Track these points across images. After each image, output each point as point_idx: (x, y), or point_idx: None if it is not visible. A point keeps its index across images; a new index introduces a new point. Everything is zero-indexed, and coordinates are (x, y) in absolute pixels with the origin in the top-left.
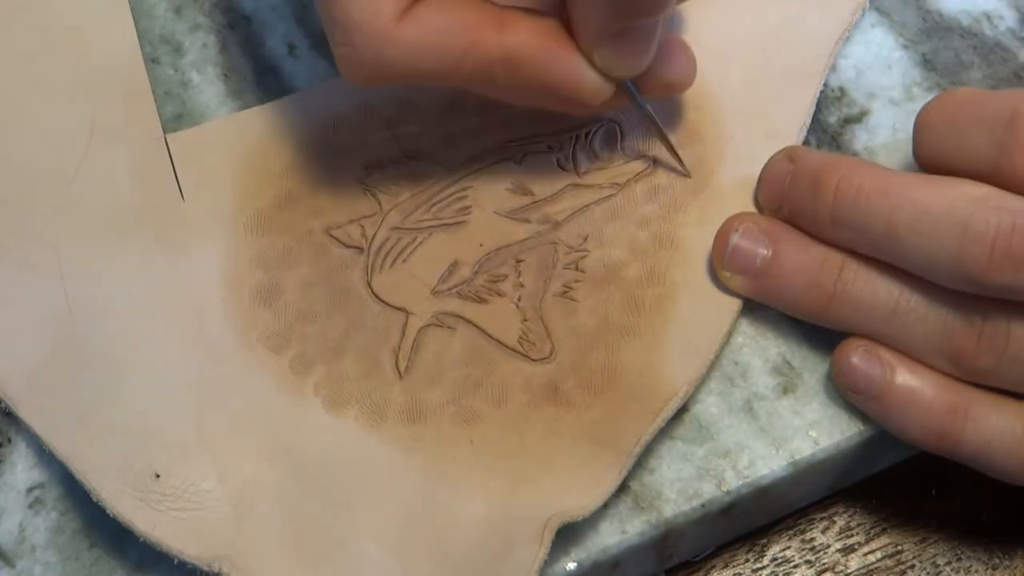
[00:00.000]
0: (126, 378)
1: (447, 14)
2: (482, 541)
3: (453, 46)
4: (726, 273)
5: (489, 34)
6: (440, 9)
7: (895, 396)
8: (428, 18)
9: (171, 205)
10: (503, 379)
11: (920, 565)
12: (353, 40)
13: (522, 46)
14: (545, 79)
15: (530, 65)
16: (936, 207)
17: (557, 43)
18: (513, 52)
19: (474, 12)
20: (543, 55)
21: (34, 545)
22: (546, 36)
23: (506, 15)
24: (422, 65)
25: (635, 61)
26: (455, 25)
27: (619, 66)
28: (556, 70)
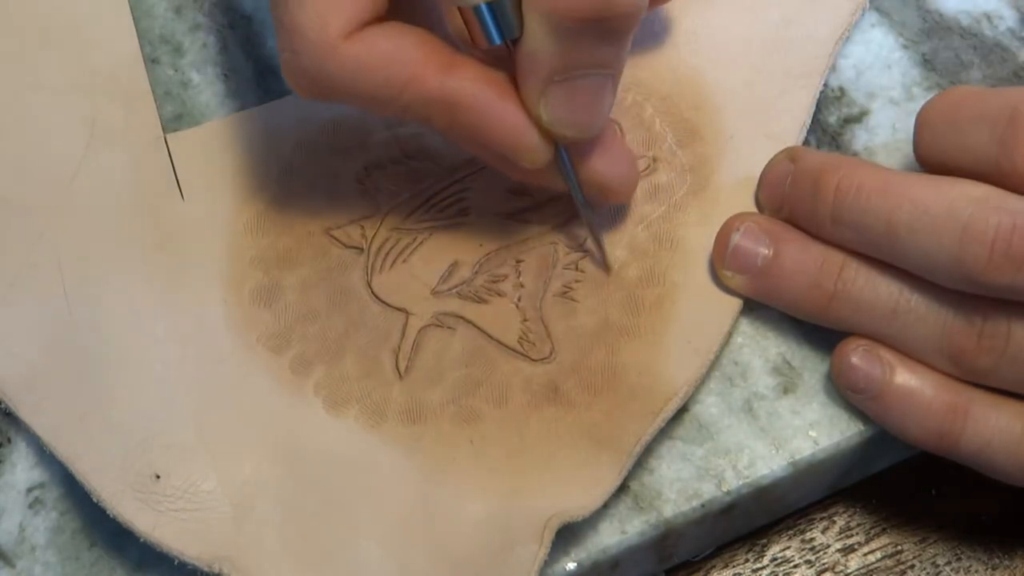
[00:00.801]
0: (126, 378)
1: (395, 42)
2: (482, 541)
3: (395, 76)
4: (727, 272)
5: (433, 72)
6: (390, 36)
7: (895, 396)
8: (376, 42)
9: (171, 205)
10: (503, 379)
11: (920, 565)
12: (297, 47)
13: (463, 91)
14: (481, 130)
15: (467, 113)
16: (936, 207)
17: (500, 95)
18: (452, 96)
19: (424, 47)
20: (482, 104)
21: (34, 545)
22: (490, 86)
23: (457, 58)
24: (361, 87)
25: (583, 116)
26: (401, 55)
27: (565, 121)
28: (493, 122)
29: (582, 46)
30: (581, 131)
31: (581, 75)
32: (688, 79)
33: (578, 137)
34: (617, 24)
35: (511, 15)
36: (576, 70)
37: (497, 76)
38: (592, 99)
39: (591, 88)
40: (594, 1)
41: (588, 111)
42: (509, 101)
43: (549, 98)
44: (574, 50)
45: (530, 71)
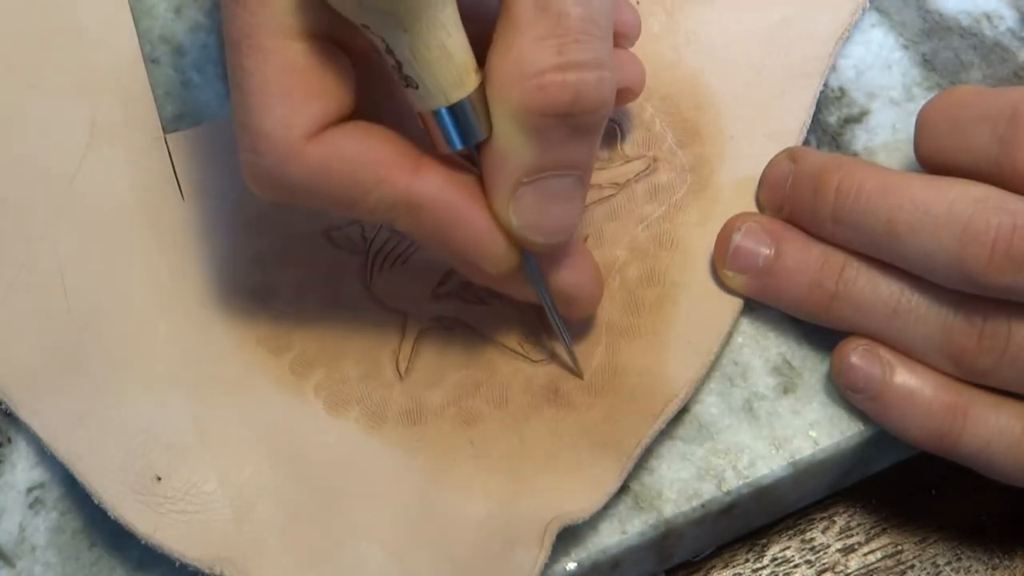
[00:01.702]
0: (126, 379)
1: (361, 144)
2: (482, 542)
3: (360, 179)
4: (728, 272)
5: (399, 175)
6: (355, 138)
7: (894, 396)
8: (340, 144)
9: (171, 205)
10: (503, 380)
11: (920, 565)
12: (259, 148)
13: (428, 195)
14: (446, 234)
15: (432, 216)
16: (936, 207)
17: (466, 199)
18: (418, 199)
19: (390, 148)
20: (447, 208)
21: (34, 545)
22: (457, 189)
23: (424, 160)
24: (325, 190)
25: (553, 222)
26: (366, 157)
27: (535, 226)
28: (459, 227)
29: (553, 144)
30: (551, 237)
31: (552, 176)
32: (688, 79)
33: (548, 243)
34: (587, 120)
35: (473, 119)
36: (547, 170)
37: (465, 179)
38: (562, 203)
39: (562, 190)
40: (566, 96)
41: (559, 216)
42: (475, 205)
43: (519, 202)
44: (545, 149)
45: (499, 173)
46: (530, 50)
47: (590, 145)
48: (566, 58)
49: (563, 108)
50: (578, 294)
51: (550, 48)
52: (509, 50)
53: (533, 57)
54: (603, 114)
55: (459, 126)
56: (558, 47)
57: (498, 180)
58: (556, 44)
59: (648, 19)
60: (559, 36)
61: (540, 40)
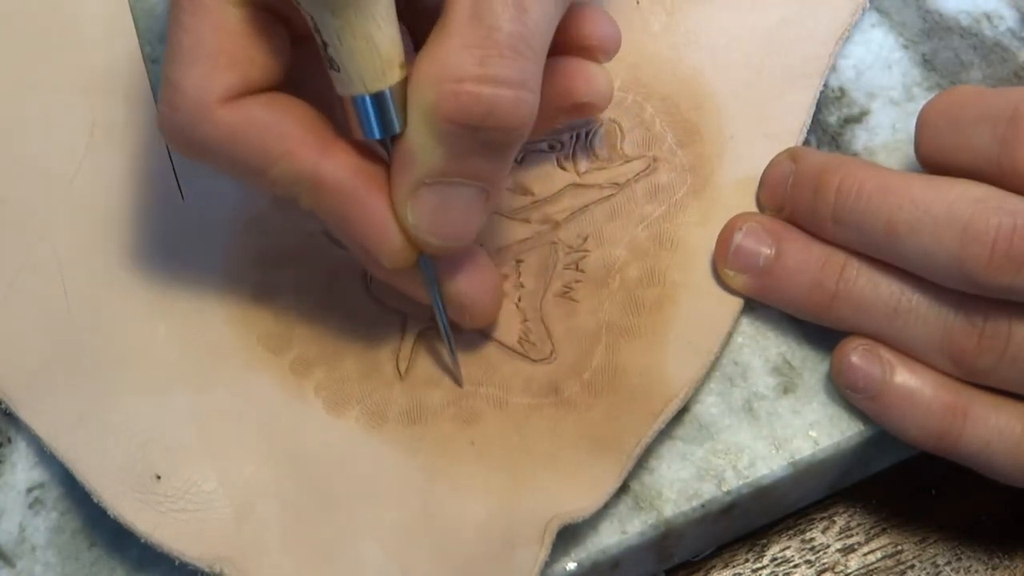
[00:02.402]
0: (126, 379)
1: (275, 115)
2: (483, 542)
3: (267, 148)
4: (729, 272)
5: (307, 151)
6: (269, 109)
7: (894, 395)
8: (253, 112)
9: (171, 205)
10: (504, 380)
11: (920, 565)
12: (175, 103)
13: (332, 176)
14: (345, 219)
15: (333, 199)
16: (937, 207)
17: (369, 187)
18: (321, 179)
19: (304, 124)
20: (349, 193)
21: (34, 545)
22: (362, 176)
23: (335, 143)
24: (231, 154)
25: (447, 227)
26: (276, 129)
27: (428, 228)
28: (358, 213)
29: (460, 152)
30: (444, 241)
31: (455, 183)
32: (688, 79)
33: (440, 248)
34: (500, 136)
35: (391, 112)
36: (450, 176)
37: (373, 169)
38: (461, 211)
39: (462, 199)
40: (479, 108)
41: (454, 223)
42: (377, 195)
43: (417, 201)
44: (451, 155)
45: (403, 169)
46: (455, 55)
47: (499, 161)
48: (487, 71)
49: (474, 119)
50: (470, 304)
51: (474, 57)
52: (435, 52)
53: (455, 63)
54: (516, 134)
55: (377, 116)
56: (481, 58)
57: (402, 176)
58: (480, 55)
59: (648, 19)
60: (485, 48)
61: (466, 48)
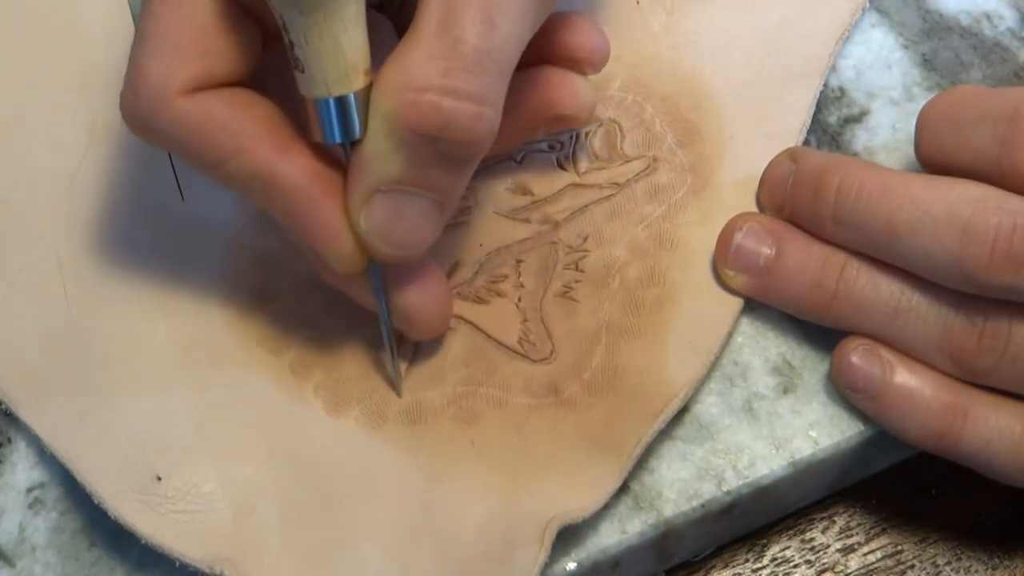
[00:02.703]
0: (126, 379)
1: (231, 110)
2: (483, 542)
3: (220, 143)
4: (729, 272)
5: (262, 148)
6: (228, 104)
7: (894, 395)
8: (211, 106)
9: (171, 205)
10: (504, 380)
11: (920, 565)
12: (136, 88)
13: (286, 177)
14: (296, 221)
15: (286, 199)
16: (937, 207)
17: (323, 190)
18: (275, 178)
19: (263, 122)
20: (302, 195)
21: (34, 545)
22: (316, 178)
23: (294, 143)
24: (187, 145)
25: (400, 236)
26: (233, 125)
27: (381, 235)
28: (310, 216)
29: (416, 162)
30: (395, 250)
31: (410, 192)
32: (688, 79)
33: (391, 256)
34: (457, 150)
35: (352, 117)
36: (405, 185)
37: (327, 172)
38: (415, 221)
39: (416, 208)
40: (438, 119)
41: (407, 232)
42: (330, 199)
43: (371, 207)
44: (407, 164)
45: (359, 174)
46: (419, 64)
47: (455, 174)
48: (449, 82)
49: (432, 130)
50: (416, 315)
51: (437, 68)
52: (401, 60)
53: (419, 72)
54: (474, 148)
55: (339, 120)
56: (445, 70)
57: (358, 181)
58: (444, 66)
59: (648, 19)
60: (450, 60)
61: (431, 58)
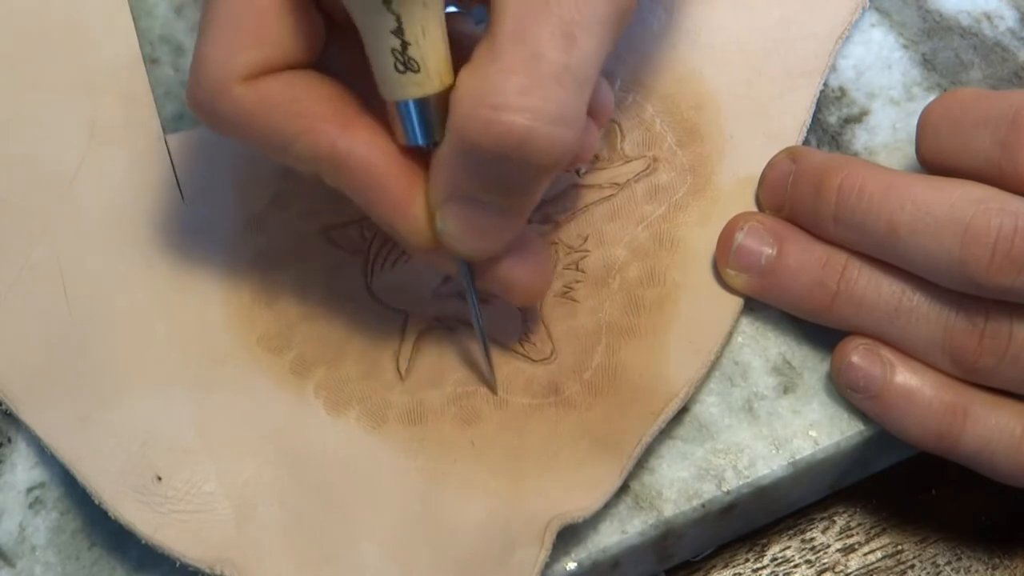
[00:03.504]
0: (126, 379)
1: (291, 94)
2: (483, 543)
3: (285, 128)
4: (730, 272)
5: (327, 128)
6: (288, 87)
7: (894, 395)
8: (271, 91)
9: (171, 206)
10: (504, 380)
11: (920, 565)
12: (198, 77)
13: (352, 153)
14: (368, 196)
15: (354, 175)
16: (938, 208)
17: (391, 165)
18: (341, 156)
19: (327, 103)
20: (370, 170)
21: (34, 545)
22: (384, 154)
23: (359, 120)
24: (250, 132)
25: (473, 240)
26: (294, 108)
27: (455, 237)
28: (379, 191)
29: (488, 175)
30: (471, 252)
31: (482, 202)
32: (688, 79)
33: (468, 256)
34: (532, 169)
35: (435, 119)
36: (477, 195)
37: (391, 148)
38: (488, 227)
39: (489, 217)
40: (511, 139)
41: (480, 238)
42: (399, 174)
43: (444, 212)
44: (479, 176)
45: (435, 178)
46: (495, 79)
47: (526, 192)
48: (527, 101)
49: (503, 150)
50: (514, 281)
51: (515, 85)
52: (477, 70)
53: (495, 87)
54: (547, 169)
55: (420, 122)
56: (522, 87)
57: (435, 182)
58: (521, 83)
59: (648, 19)
60: (527, 75)
61: (507, 73)
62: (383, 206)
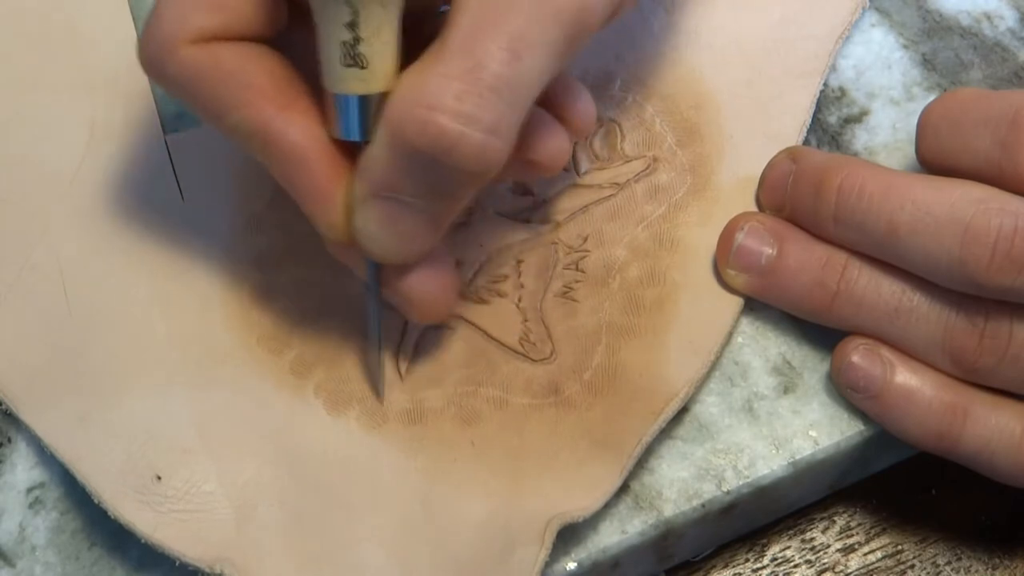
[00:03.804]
0: (126, 379)
1: (238, 63)
2: (483, 542)
3: (225, 96)
4: (731, 272)
5: (265, 106)
6: (242, 57)
7: (894, 395)
8: (220, 58)
9: (171, 206)
10: (504, 380)
11: (920, 565)
12: (150, 34)
13: (284, 136)
14: (290, 182)
15: (282, 159)
16: (938, 208)
17: (320, 156)
18: (274, 136)
19: (272, 79)
20: (298, 157)
21: (34, 545)
22: (316, 143)
23: (299, 103)
24: (191, 94)
25: (389, 241)
26: (238, 79)
27: (371, 236)
28: (303, 179)
29: (416, 177)
30: (384, 253)
31: (404, 203)
32: (688, 79)
33: (380, 258)
34: (459, 175)
35: (372, 117)
36: (401, 195)
37: (323, 138)
38: (406, 232)
39: (409, 221)
40: (443, 142)
41: (397, 240)
42: (325, 165)
43: (366, 208)
44: (406, 176)
45: (362, 173)
46: (436, 82)
47: (452, 197)
48: (461, 106)
49: (436, 152)
50: (414, 297)
51: (452, 89)
52: (420, 72)
53: (433, 89)
54: (476, 177)
55: (360, 117)
56: (460, 92)
57: (359, 179)
58: (460, 89)
59: (648, 19)
60: (467, 83)
61: (447, 78)
62: (305, 193)
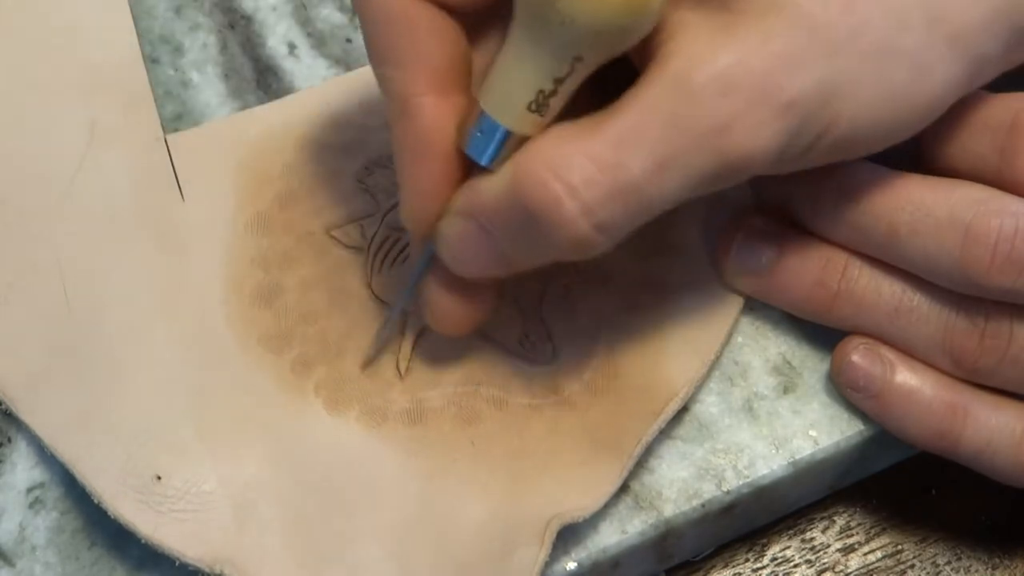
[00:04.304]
0: (126, 379)
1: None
2: (483, 542)
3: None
4: (731, 272)
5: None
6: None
7: (895, 394)
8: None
9: (171, 206)
10: (504, 380)
11: (920, 565)
12: None
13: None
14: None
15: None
16: (938, 209)
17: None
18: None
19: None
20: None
21: (34, 545)
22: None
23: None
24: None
25: (456, 260)
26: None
27: (445, 245)
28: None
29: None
30: (449, 261)
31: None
32: None
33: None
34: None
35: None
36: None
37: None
38: (475, 257)
39: (484, 249)
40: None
41: (465, 259)
42: (440, 162)
43: (456, 221)
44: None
45: (471, 193)
46: (576, 157)
47: (536, 255)
48: (585, 193)
49: (539, 218)
50: (433, 307)
51: (586, 173)
52: (569, 137)
53: (570, 163)
54: (566, 255)
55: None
56: (590, 180)
57: (463, 192)
58: (593, 177)
59: None
60: (603, 175)
61: (589, 159)
62: (411, 178)
